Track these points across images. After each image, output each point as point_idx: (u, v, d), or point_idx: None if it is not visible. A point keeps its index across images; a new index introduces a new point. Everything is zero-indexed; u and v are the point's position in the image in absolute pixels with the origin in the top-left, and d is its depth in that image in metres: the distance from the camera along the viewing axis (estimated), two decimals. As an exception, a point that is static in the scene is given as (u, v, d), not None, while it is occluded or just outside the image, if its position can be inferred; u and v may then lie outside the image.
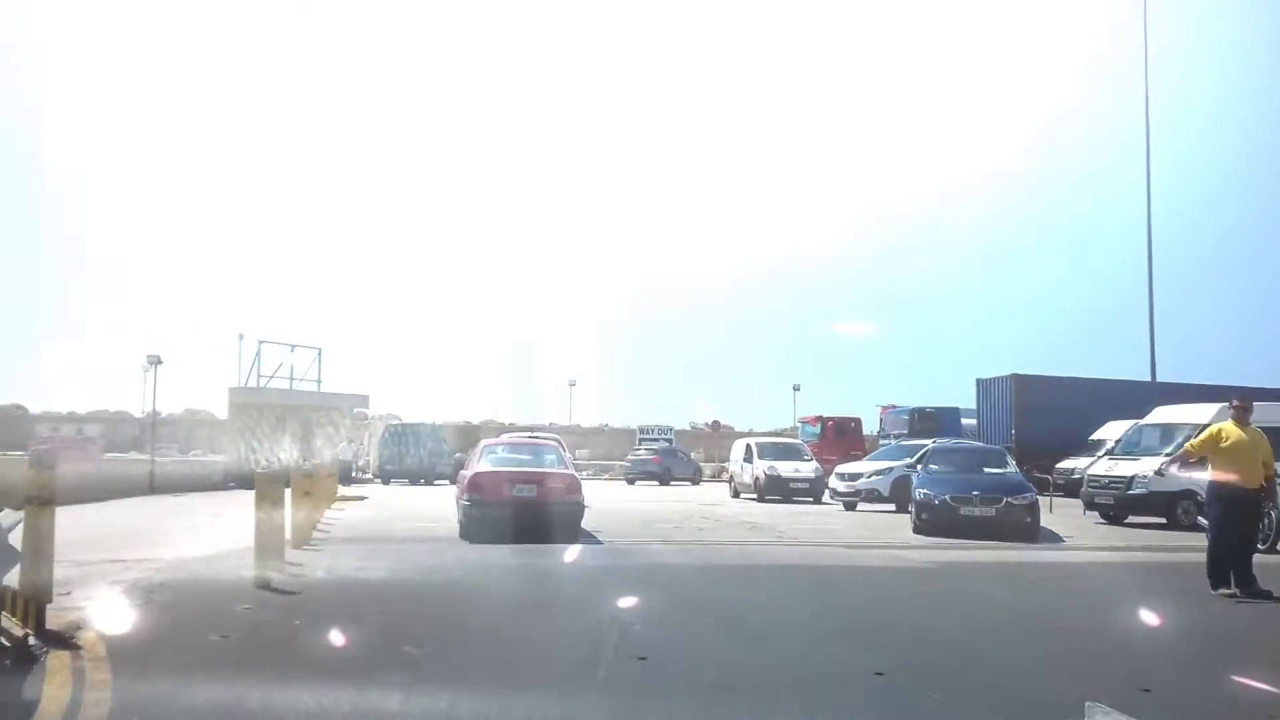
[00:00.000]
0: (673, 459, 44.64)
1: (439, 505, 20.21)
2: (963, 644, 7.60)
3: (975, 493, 17.06)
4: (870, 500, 23.60)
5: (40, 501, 7.43)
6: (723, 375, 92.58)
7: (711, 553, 14.16)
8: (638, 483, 41.23)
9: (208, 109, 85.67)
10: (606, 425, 60.68)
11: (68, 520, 8.09)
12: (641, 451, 46.18)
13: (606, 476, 50.78)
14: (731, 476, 32.04)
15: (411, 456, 38.04)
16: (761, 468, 28.63)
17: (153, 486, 34.30)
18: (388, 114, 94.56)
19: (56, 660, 6.56)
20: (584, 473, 52.18)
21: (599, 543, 14.91)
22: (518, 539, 13.45)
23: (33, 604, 7.29)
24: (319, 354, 39.81)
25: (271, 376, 38.22)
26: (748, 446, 30.38)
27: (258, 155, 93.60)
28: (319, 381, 39.86)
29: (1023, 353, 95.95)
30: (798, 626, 8.09)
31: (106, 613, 8.04)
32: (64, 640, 7.12)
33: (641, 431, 52.88)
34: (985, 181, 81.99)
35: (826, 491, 26.20)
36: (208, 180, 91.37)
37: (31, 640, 6.99)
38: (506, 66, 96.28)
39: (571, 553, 13.15)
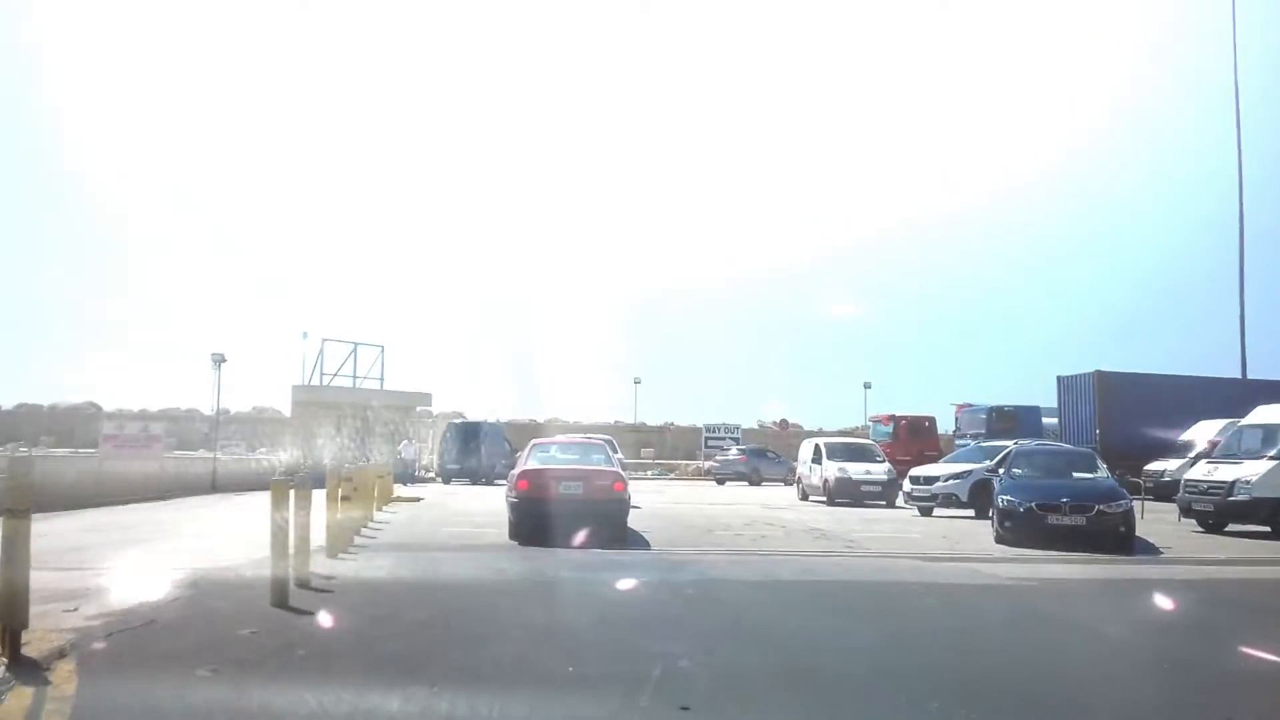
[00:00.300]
0: (762, 459, 43.55)
1: (493, 507, 19.53)
2: (1083, 693, 6.36)
3: (1064, 499, 15.68)
4: (947, 505, 22.26)
5: (15, 514, 6.69)
6: (791, 373, 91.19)
7: (773, 565, 13.07)
8: (728, 484, 40.63)
9: (269, 106, 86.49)
10: (671, 424, 59.67)
11: (109, 521, 7.36)
12: (731, 452, 45.23)
13: (672, 476, 49.83)
14: (799, 478, 30.81)
15: (472, 455, 37.48)
16: (831, 469, 27.39)
17: (215, 485, 34.37)
18: (448, 107, 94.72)
19: (16, 700, 5.78)
20: (648, 472, 51.86)
21: (649, 549, 13.92)
22: (565, 535, 13.83)
23: (7, 629, 6.58)
24: (382, 351, 39.61)
25: (334, 375, 38.08)
26: (816, 447, 29.13)
27: (324, 151, 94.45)
28: (382, 379, 39.65)
29: (1101, 349, 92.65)
30: (872, 668, 6.91)
31: (99, 636, 7.29)
32: (39, 672, 6.37)
33: (708, 430, 51.77)
34: (1061, 165, 79.10)
35: (900, 495, 24.87)
36: (274, 176, 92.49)
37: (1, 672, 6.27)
38: (565, 60, 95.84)
39: (617, 566, 12.23)
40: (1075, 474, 17.23)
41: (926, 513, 22.59)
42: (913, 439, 39.56)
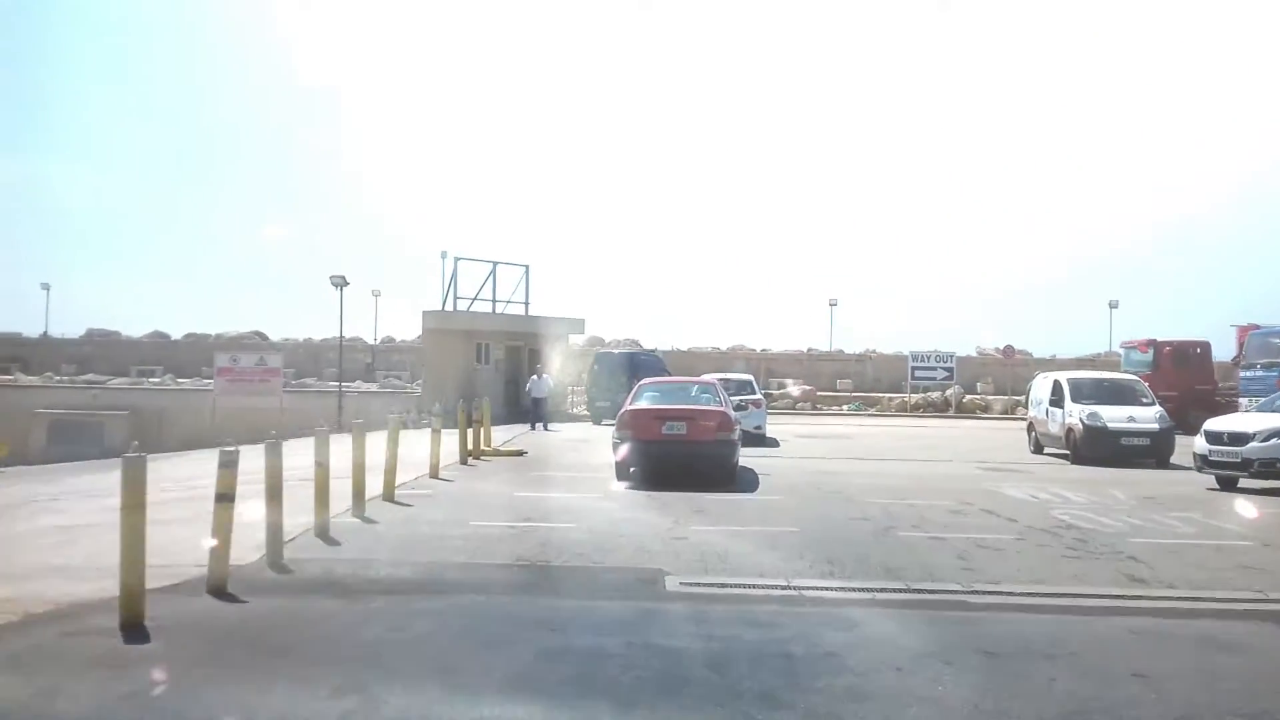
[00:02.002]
0: None
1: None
2: None
3: None
4: (1266, 475, 14.81)
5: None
6: (1014, 290, 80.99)
7: (990, 638, 6.56)
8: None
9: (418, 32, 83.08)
10: (873, 351, 52.20)
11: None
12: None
13: (871, 411, 42.82)
14: (1031, 424, 23.48)
15: (624, 391, 31.72)
16: (1078, 414, 20.09)
17: (341, 423, 30.50)
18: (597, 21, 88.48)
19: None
20: (843, 407, 44.95)
21: (730, 591, 7.85)
22: (668, 477, 13.75)
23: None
24: (526, 272, 34.46)
25: (474, 299, 33.28)
26: (1056, 384, 21.72)
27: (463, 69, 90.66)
28: (526, 303, 34.60)
29: None
30: None
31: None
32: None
33: (915, 359, 44.24)
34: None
35: (1191, 454, 17.38)
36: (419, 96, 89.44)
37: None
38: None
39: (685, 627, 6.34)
40: None
41: (1229, 484, 15.24)
42: (1179, 370, 31.25)
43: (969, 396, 44.54)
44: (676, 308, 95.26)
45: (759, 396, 26.38)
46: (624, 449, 14.58)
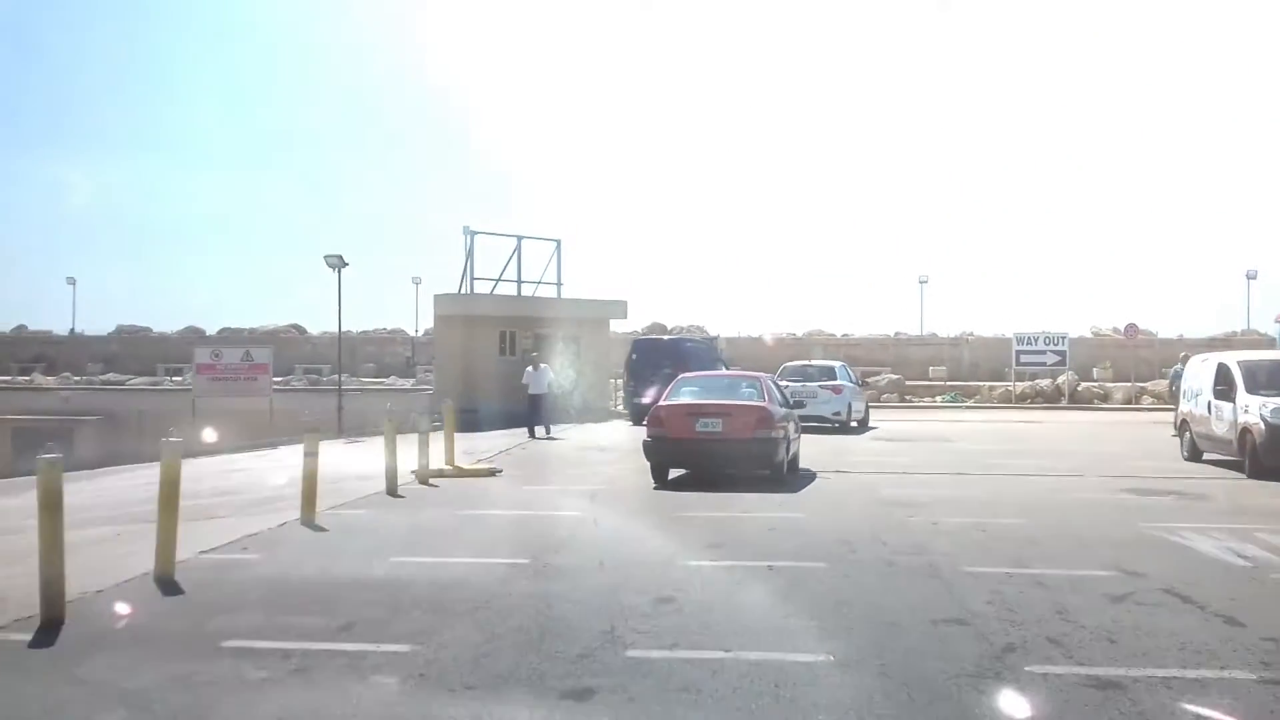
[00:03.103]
0: None
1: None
2: None
3: None
4: None
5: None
6: (1130, 262, 73.54)
7: None
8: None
9: None
10: (970, 334, 46.17)
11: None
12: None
13: (969, 403, 37.11)
14: (1183, 420, 17.88)
15: (665, 385, 26.73)
16: (1256, 408, 14.59)
17: (343, 427, 26.31)
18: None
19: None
20: (936, 398, 39.20)
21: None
22: (703, 478, 13.14)
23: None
24: (557, 248, 29.73)
25: (498, 280, 28.73)
26: (1222, 369, 16.11)
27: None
28: (559, 284, 29.89)
29: None
30: None
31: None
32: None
33: (1020, 341, 38.34)
34: None
35: None
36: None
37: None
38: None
39: None
40: None
41: None
42: (1355, 350, 25.03)
43: (1084, 384, 38.46)
44: (746, 291, 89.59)
45: (839, 382, 24.11)
46: (655, 449, 13.55)
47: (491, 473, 14.60)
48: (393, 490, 12.30)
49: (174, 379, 39.26)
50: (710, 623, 6.34)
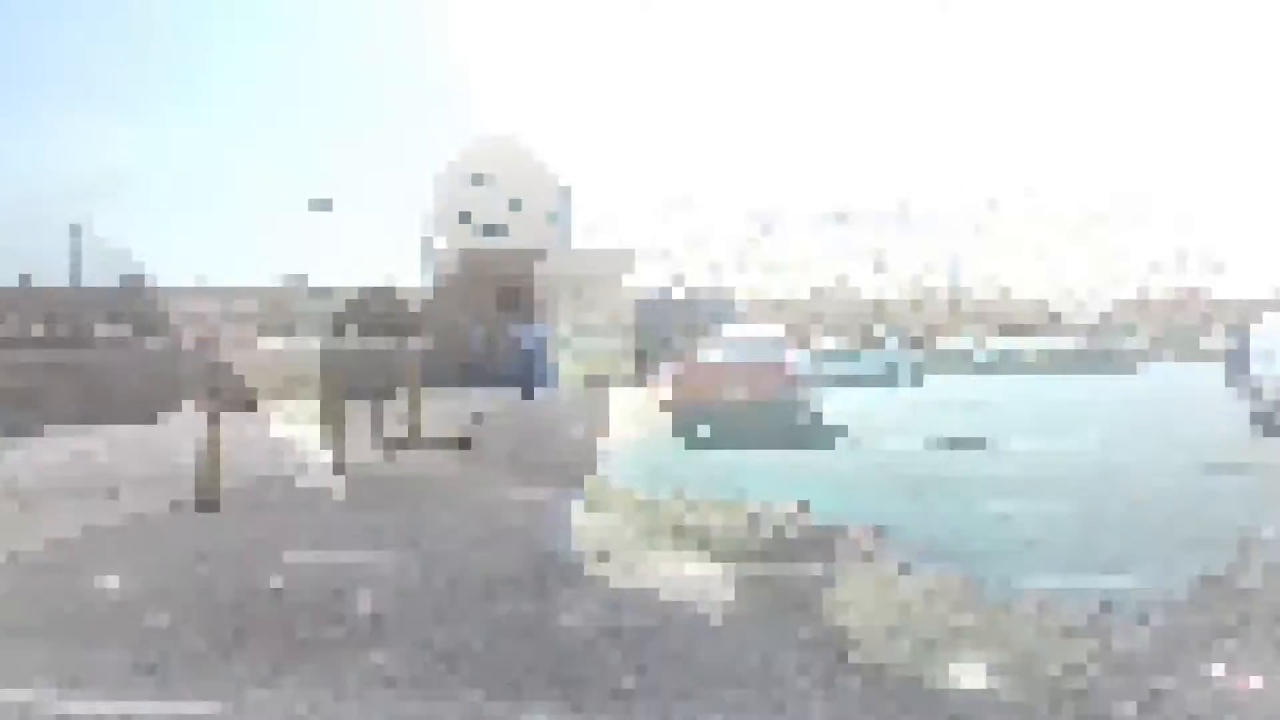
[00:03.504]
0: None
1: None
2: None
3: None
4: None
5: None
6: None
7: None
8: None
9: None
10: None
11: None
12: None
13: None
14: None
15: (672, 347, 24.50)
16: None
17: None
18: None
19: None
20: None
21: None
22: (726, 440, 12.81)
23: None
24: (567, 196, 27.47)
25: (504, 227, 26.55)
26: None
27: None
28: (569, 237, 27.67)
29: None
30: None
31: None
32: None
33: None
34: None
35: None
36: None
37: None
38: None
39: None
40: None
41: None
42: None
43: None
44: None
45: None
46: (675, 410, 13.91)
47: (464, 442, 12.46)
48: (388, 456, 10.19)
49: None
50: None
